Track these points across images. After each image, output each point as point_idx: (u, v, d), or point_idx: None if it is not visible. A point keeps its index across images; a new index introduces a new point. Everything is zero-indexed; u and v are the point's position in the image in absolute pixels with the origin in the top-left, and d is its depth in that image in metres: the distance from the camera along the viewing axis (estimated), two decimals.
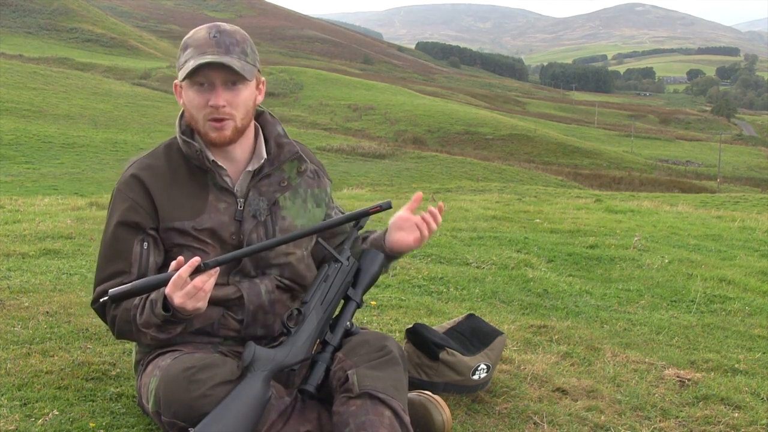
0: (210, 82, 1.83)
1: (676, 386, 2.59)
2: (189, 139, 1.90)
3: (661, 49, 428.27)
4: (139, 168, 1.91)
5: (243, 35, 1.88)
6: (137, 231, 1.87)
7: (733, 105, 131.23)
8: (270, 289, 1.93)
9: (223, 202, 1.91)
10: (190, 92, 1.86)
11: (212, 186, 1.91)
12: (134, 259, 1.86)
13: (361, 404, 1.69)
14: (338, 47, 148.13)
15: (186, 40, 1.87)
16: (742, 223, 8.15)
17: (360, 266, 1.94)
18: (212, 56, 1.80)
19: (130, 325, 1.81)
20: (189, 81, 1.84)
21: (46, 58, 63.94)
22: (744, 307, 3.96)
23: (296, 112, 59.79)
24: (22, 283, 3.45)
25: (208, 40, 1.83)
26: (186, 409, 1.68)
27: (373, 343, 1.81)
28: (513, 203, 9.81)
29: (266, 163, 1.96)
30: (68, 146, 30.02)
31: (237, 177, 1.94)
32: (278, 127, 2.02)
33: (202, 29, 1.87)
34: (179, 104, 1.94)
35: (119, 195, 1.90)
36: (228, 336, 1.93)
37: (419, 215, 1.98)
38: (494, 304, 3.71)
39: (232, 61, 1.81)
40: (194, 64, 1.80)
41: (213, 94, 1.83)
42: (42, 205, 7.07)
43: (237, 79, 1.84)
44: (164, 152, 1.95)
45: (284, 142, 1.99)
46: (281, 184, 1.97)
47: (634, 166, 51.07)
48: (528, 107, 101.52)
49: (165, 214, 1.87)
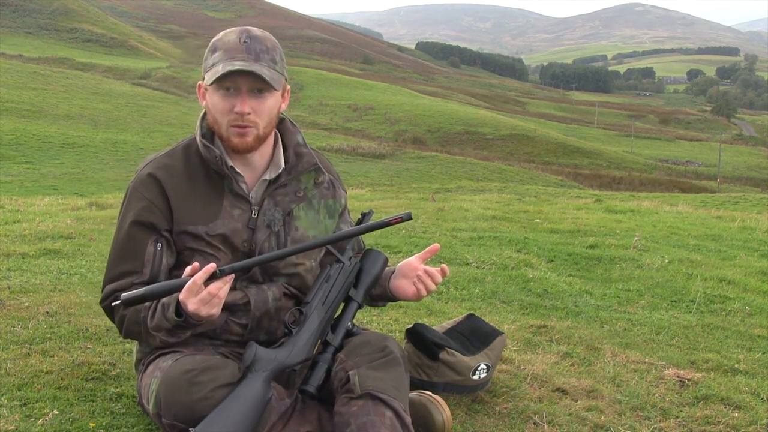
0: (236, 87, 1.80)
1: (676, 386, 2.59)
2: (209, 144, 1.87)
3: (661, 49, 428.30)
4: (156, 167, 1.89)
5: (273, 42, 1.86)
6: (152, 231, 1.85)
7: (733, 105, 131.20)
8: (277, 296, 1.92)
9: (238, 209, 1.89)
10: (216, 96, 1.83)
11: (228, 192, 1.89)
12: (147, 260, 1.84)
13: (363, 405, 1.69)
14: (338, 47, 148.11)
15: (215, 42, 1.85)
16: (742, 223, 8.15)
17: (362, 267, 1.94)
18: (242, 63, 1.77)
19: (139, 327, 1.80)
20: (216, 85, 1.81)
21: (46, 58, 63.93)
22: (744, 307, 3.96)
23: (296, 112, 59.78)
24: (22, 283, 3.45)
25: (238, 45, 1.80)
26: (187, 412, 1.67)
27: (375, 344, 1.81)
28: (513, 203, 9.81)
29: (284, 173, 1.94)
30: (68, 146, 30.00)
31: (253, 184, 1.93)
32: (298, 136, 1.99)
33: (233, 33, 1.83)
34: (201, 105, 1.91)
35: (135, 193, 1.88)
36: (230, 339, 1.92)
37: (421, 270, 1.96)
38: (494, 304, 3.71)
39: (262, 69, 1.79)
40: (223, 70, 1.77)
41: (238, 100, 1.80)
42: (42, 205, 7.08)
43: (264, 87, 1.81)
44: (182, 153, 1.92)
45: (303, 152, 1.97)
46: (297, 195, 1.95)
47: (634, 166, 51.05)
48: (528, 107, 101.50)
49: (180, 217, 1.85)
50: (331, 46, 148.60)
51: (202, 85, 1.88)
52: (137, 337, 1.84)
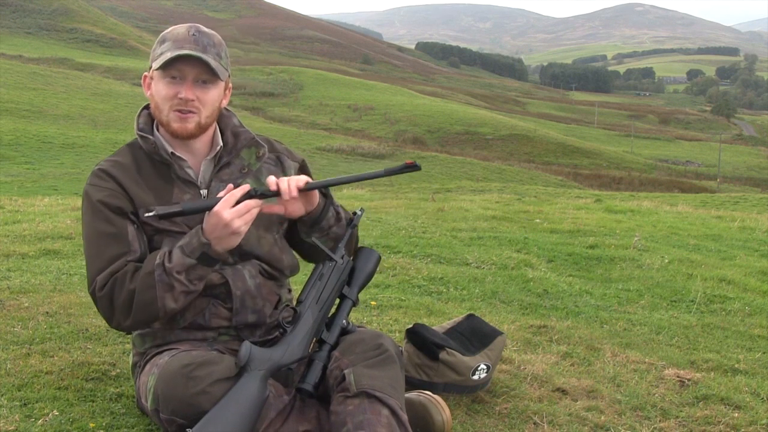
0: (182, 75, 1.87)
1: (676, 386, 2.59)
2: (146, 135, 1.94)
3: (661, 49, 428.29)
4: (106, 165, 1.94)
5: (219, 39, 1.94)
6: (123, 214, 1.88)
7: (733, 105, 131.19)
8: (253, 274, 1.95)
9: (187, 193, 1.94)
10: (161, 84, 1.89)
11: (176, 178, 1.94)
12: (132, 238, 1.87)
13: (359, 403, 1.69)
14: (338, 47, 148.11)
15: (164, 35, 1.91)
16: (742, 223, 8.15)
17: (355, 265, 1.95)
18: (190, 49, 1.85)
19: (154, 290, 1.78)
20: (162, 72, 1.87)
21: (46, 59, 63.93)
22: (744, 307, 3.96)
23: (296, 112, 59.82)
24: (22, 283, 3.45)
25: (187, 37, 1.87)
26: (184, 406, 1.68)
27: (369, 342, 1.81)
28: (513, 203, 9.81)
29: (224, 152, 1.99)
30: (68, 146, 30.00)
31: (198, 168, 1.98)
32: (234, 118, 2.05)
33: (182, 27, 1.92)
34: (146, 96, 1.97)
35: (92, 189, 1.91)
36: (221, 326, 1.93)
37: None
38: (494, 304, 3.71)
39: (208, 58, 1.86)
40: (171, 54, 1.84)
41: (183, 87, 1.87)
42: (42, 206, 7.07)
43: (208, 78, 1.88)
44: (128, 150, 1.98)
45: (240, 131, 2.03)
46: (242, 171, 2.00)
47: (634, 166, 51.06)
48: (528, 107, 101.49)
49: (139, 202, 1.90)
50: (331, 46, 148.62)
51: (147, 76, 1.95)
52: (150, 309, 1.80)
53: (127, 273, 1.81)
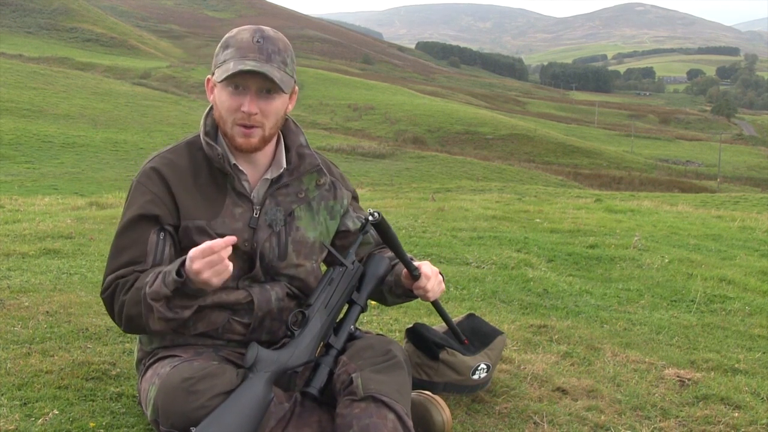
0: (245, 86, 1.79)
1: (676, 386, 2.59)
2: (212, 142, 1.87)
3: (661, 49, 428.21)
4: (160, 163, 1.88)
5: (285, 44, 1.85)
6: (155, 223, 1.83)
7: (733, 105, 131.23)
8: (280, 297, 1.91)
9: (240, 207, 1.88)
10: (224, 93, 1.82)
11: (230, 189, 1.89)
12: (150, 249, 1.81)
13: (365, 407, 1.69)
14: (338, 47, 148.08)
15: (228, 39, 1.84)
16: (742, 223, 8.15)
17: (365, 271, 1.94)
18: (253, 63, 1.76)
19: (140, 307, 1.73)
20: (225, 82, 1.80)
21: (46, 58, 63.96)
22: (744, 306, 3.96)
23: (296, 112, 59.78)
24: (22, 283, 3.45)
25: (251, 44, 1.79)
26: (184, 420, 1.66)
27: (378, 348, 1.80)
28: (513, 203, 9.82)
29: (285, 173, 1.93)
30: (68, 146, 30.02)
31: (255, 183, 1.92)
32: (301, 137, 1.99)
33: (247, 31, 1.82)
34: (209, 99, 1.90)
35: (139, 187, 1.86)
36: (232, 339, 1.91)
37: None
38: (494, 303, 3.71)
39: (273, 71, 1.78)
40: (234, 68, 1.76)
41: (246, 99, 1.79)
42: (42, 205, 7.07)
43: (273, 88, 1.81)
44: (186, 149, 1.91)
45: (306, 153, 1.97)
46: (298, 195, 1.95)
47: (634, 166, 51.08)
48: (528, 107, 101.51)
49: (185, 212, 1.84)
50: (331, 46, 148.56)
51: (211, 80, 1.88)
52: (137, 322, 1.77)
53: (128, 283, 1.78)
